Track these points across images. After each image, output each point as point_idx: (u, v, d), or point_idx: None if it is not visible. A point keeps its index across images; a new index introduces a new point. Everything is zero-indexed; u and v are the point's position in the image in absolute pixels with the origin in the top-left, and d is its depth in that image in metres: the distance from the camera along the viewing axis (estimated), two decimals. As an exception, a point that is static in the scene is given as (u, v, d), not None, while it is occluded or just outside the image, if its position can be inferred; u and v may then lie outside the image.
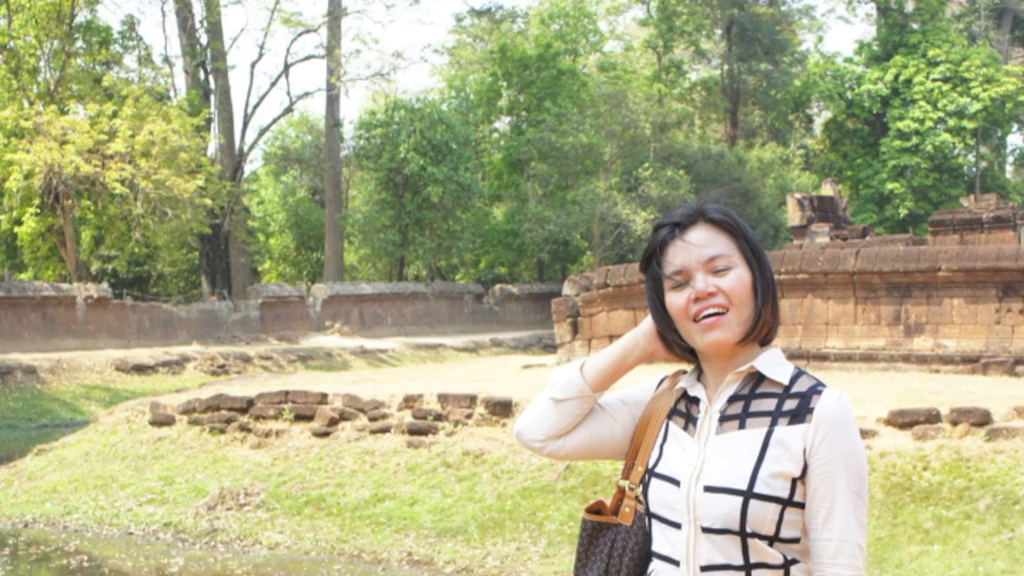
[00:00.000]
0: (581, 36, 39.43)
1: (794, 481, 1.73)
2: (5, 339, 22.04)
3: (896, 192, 38.09)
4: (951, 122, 37.78)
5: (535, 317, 33.98)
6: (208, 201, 27.43)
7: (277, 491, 9.50)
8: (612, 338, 13.34)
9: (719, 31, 42.21)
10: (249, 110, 34.51)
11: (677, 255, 1.80)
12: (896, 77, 38.83)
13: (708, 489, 1.74)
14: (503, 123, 38.59)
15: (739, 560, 1.73)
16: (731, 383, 1.81)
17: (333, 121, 35.25)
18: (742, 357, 1.81)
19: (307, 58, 35.99)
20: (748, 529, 1.72)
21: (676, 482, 1.78)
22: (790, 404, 1.76)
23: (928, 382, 10.48)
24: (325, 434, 10.31)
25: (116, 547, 9.00)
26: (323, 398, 10.64)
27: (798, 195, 24.24)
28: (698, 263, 1.78)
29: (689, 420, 1.83)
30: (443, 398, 10.12)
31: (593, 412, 1.91)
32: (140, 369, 21.84)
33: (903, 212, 37.77)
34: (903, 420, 8.20)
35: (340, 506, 9.09)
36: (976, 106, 37.45)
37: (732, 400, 1.80)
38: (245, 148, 34.62)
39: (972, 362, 11.77)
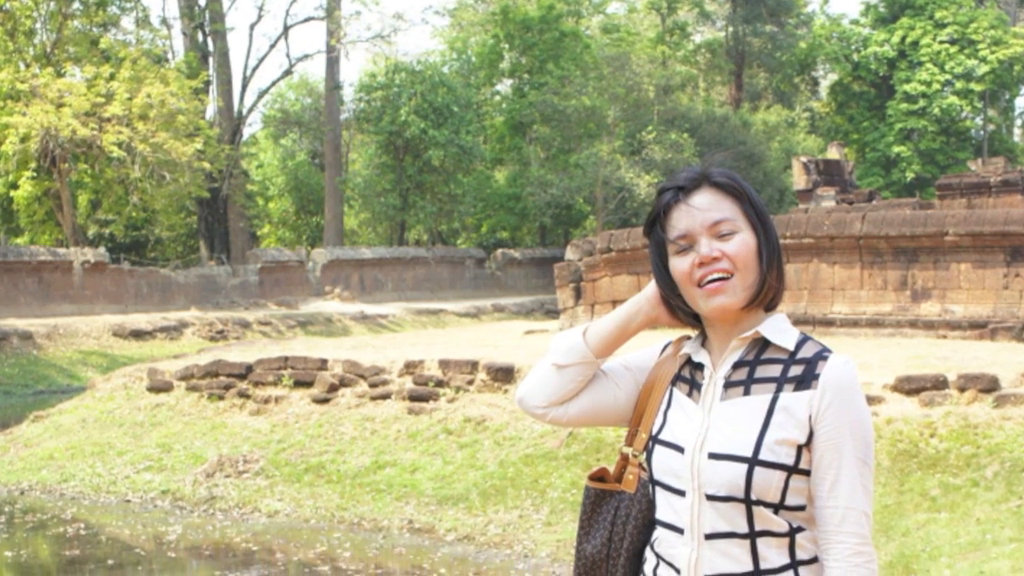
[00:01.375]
0: (584, -3, 38.89)
1: (799, 448, 1.71)
2: (1, 304, 21.96)
3: (903, 155, 37.82)
4: (958, 85, 37.41)
5: (537, 282, 33.86)
6: (207, 165, 27.22)
7: (276, 458, 9.42)
8: (615, 303, 13.21)
9: (724, -8, 41.66)
10: (248, 72, 34.23)
11: (681, 219, 1.77)
12: (903, 39, 38.40)
13: (712, 456, 1.72)
14: (505, 86, 38.21)
15: (744, 528, 1.71)
16: (736, 349, 1.78)
17: (333, 84, 34.92)
18: (747, 323, 1.78)
19: (306, 20, 35.62)
20: (753, 497, 1.70)
21: (680, 449, 1.76)
22: (795, 370, 1.73)
23: (935, 348, 10.38)
24: (325, 400, 10.22)
25: (113, 514, 8.95)
26: (323, 364, 10.54)
27: (804, 158, 24.05)
28: (702, 227, 1.76)
29: (693, 386, 1.81)
30: (444, 364, 10.00)
31: (596, 378, 1.88)
32: (138, 335, 21.76)
33: (910, 176, 37.52)
34: (910, 386, 8.10)
35: (340, 473, 9.02)
36: (984, 68, 37.07)
37: (737, 366, 1.77)
38: (244, 111, 34.34)
39: (980, 327, 11.65)
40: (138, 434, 10.47)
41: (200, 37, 33.17)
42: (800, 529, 1.73)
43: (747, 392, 1.75)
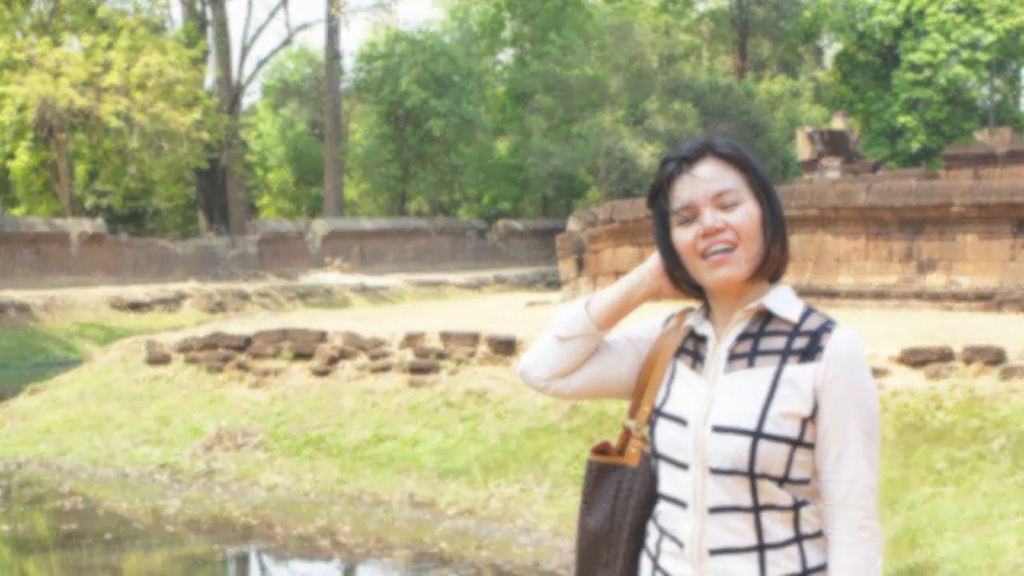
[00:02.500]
0: (586, -35, 38.45)
1: (804, 421, 1.71)
2: (-2, 276, 21.87)
3: (908, 126, 37.54)
4: (965, 54, 37.05)
5: (539, 253, 33.72)
6: (205, 135, 27.04)
7: (276, 431, 9.35)
8: (618, 275, 13.09)
9: (727, -40, 41.21)
10: (247, 42, 33.93)
11: (685, 190, 1.77)
12: (908, 8, 38.03)
13: (716, 429, 1.71)
14: (507, 55, 37.90)
15: (748, 502, 1.70)
16: (740, 321, 1.78)
17: (333, 53, 34.61)
18: (751, 294, 1.78)
19: (305, -12, 35.26)
20: (757, 470, 1.69)
21: (683, 422, 1.75)
22: (800, 342, 1.73)
23: (941, 320, 10.30)
24: (325, 373, 10.14)
25: (111, 488, 8.89)
26: (322, 336, 10.45)
27: (808, 129, 23.87)
28: (706, 198, 1.75)
29: (697, 359, 1.80)
30: (445, 336, 9.91)
31: (599, 350, 1.88)
32: (136, 306, 21.66)
33: (915, 146, 37.27)
34: (915, 359, 8.01)
35: (340, 446, 8.95)
36: (990, 38, 36.72)
37: (741, 338, 1.77)
38: (243, 81, 34.09)
39: (986, 299, 11.54)
40: (136, 407, 10.39)
41: (198, 6, 32.87)
42: (804, 503, 1.72)
43: (751, 365, 1.73)
